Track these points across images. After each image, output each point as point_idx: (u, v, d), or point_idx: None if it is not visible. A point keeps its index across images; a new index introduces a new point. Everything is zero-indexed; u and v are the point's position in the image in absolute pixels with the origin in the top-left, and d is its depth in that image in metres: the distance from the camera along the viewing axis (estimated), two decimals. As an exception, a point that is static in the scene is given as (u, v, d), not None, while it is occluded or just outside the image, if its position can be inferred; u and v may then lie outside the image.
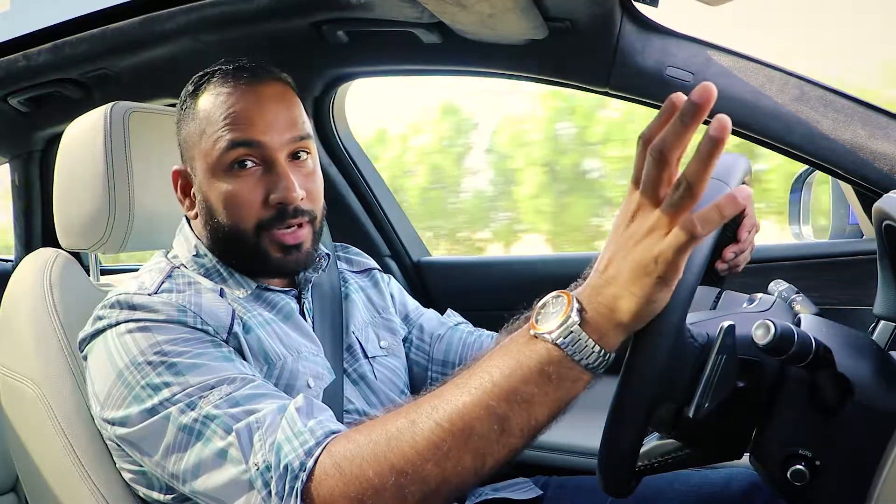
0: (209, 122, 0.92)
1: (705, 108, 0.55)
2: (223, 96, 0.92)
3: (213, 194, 0.93)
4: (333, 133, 1.64)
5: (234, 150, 0.90)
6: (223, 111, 0.91)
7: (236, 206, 0.92)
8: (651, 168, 0.58)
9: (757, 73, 1.09)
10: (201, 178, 0.94)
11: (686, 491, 1.04)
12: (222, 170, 0.91)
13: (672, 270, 0.59)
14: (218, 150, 0.91)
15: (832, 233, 1.46)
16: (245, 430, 0.75)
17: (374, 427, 0.70)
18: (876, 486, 0.63)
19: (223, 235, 0.94)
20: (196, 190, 0.96)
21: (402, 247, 1.75)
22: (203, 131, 0.92)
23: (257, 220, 0.92)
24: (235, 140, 0.90)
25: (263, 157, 0.92)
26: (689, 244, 0.58)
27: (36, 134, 1.74)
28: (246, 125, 0.91)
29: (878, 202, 0.81)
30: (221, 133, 0.91)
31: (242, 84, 0.93)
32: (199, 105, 0.94)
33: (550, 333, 0.63)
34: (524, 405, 0.64)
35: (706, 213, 0.57)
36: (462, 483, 0.66)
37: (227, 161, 0.91)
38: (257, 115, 0.91)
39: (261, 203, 0.92)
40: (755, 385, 0.69)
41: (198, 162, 0.94)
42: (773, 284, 0.87)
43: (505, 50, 1.23)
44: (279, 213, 0.92)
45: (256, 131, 0.91)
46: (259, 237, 0.93)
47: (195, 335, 0.84)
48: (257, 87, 0.93)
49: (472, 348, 1.16)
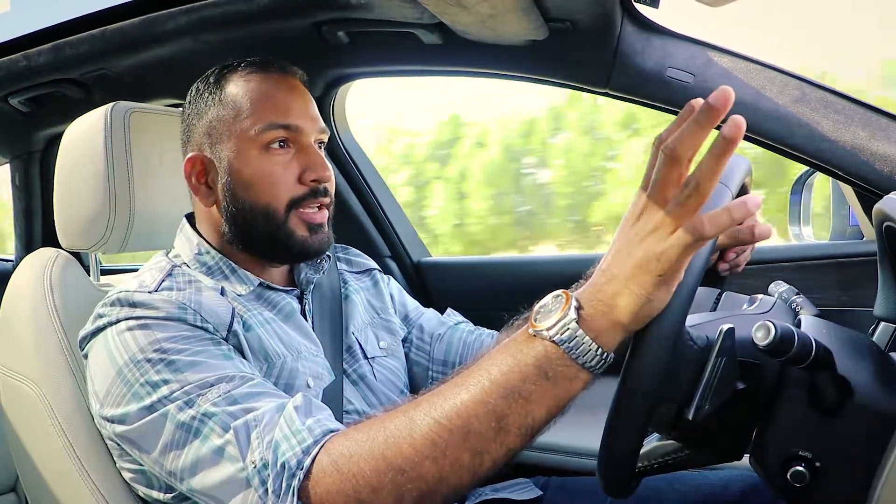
0: (243, 104, 0.95)
1: (721, 112, 0.56)
2: (255, 83, 0.96)
3: (244, 173, 0.94)
4: (334, 133, 1.64)
5: (272, 131, 0.94)
6: (258, 95, 0.95)
7: (270, 183, 0.94)
8: (661, 167, 0.59)
9: (757, 74, 1.09)
10: (232, 158, 0.95)
11: (686, 492, 1.04)
12: (258, 149, 0.94)
13: (673, 270, 0.59)
14: (255, 131, 0.94)
15: (832, 234, 1.46)
16: (243, 428, 0.75)
17: (372, 425, 0.70)
18: (876, 487, 0.63)
19: (250, 216, 0.95)
20: (220, 173, 0.96)
21: (402, 247, 1.75)
22: (237, 114, 0.95)
23: (290, 197, 0.95)
24: (275, 122, 0.94)
25: (297, 141, 0.96)
26: (695, 245, 0.58)
27: (36, 134, 1.74)
28: (283, 109, 0.95)
29: (878, 204, 0.81)
30: (259, 115, 0.94)
31: (274, 74, 0.97)
32: (227, 90, 0.96)
33: (548, 331, 0.63)
34: (522, 402, 0.64)
35: (716, 215, 0.58)
36: (459, 482, 0.66)
37: (263, 141, 0.94)
38: (292, 101, 0.96)
39: (294, 180, 0.95)
40: (755, 387, 0.69)
41: (227, 143, 0.95)
42: (773, 286, 0.87)
43: (505, 51, 1.23)
44: (311, 190, 0.96)
45: (293, 116, 0.95)
46: (288, 215, 0.95)
47: (195, 333, 0.85)
48: (288, 78, 0.99)
49: (472, 347, 1.16)
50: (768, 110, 1.07)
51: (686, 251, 0.59)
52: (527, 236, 4.65)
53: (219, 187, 0.97)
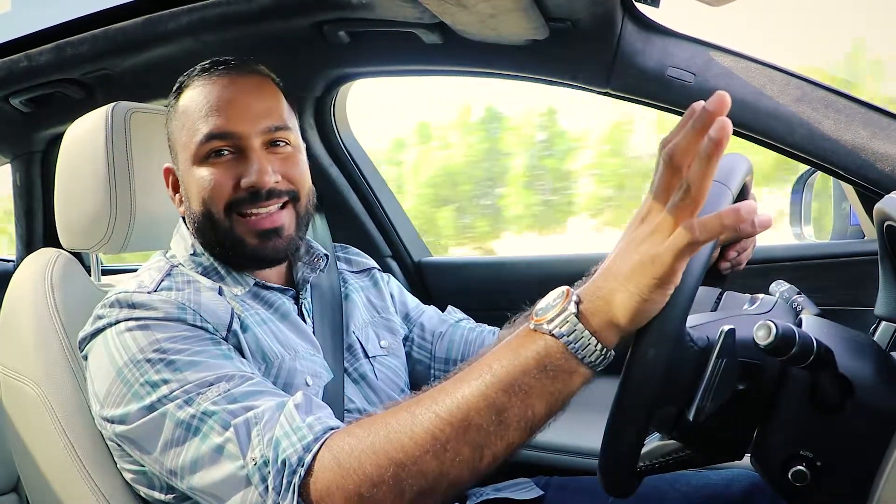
0: (188, 116, 0.95)
1: (717, 117, 0.56)
2: (199, 89, 0.96)
3: (189, 184, 0.95)
4: (335, 133, 1.64)
5: (209, 142, 0.93)
6: (200, 104, 0.94)
7: (208, 189, 0.94)
8: (662, 172, 0.60)
9: (758, 73, 1.09)
10: (183, 170, 0.97)
11: (687, 492, 1.04)
12: (199, 160, 0.94)
13: (669, 273, 0.60)
14: (195, 143, 0.94)
15: (833, 234, 1.45)
16: (243, 426, 0.75)
17: (374, 422, 0.71)
18: (877, 486, 0.63)
19: (200, 225, 0.96)
20: (180, 183, 0.99)
21: (402, 247, 1.75)
22: (183, 126, 0.96)
23: (227, 201, 0.94)
24: (211, 132, 0.93)
25: (237, 146, 0.94)
26: (688, 248, 0.58)
27: (37, 134, 1.74)
28: (220, 116, 0.93)
29: (879, 203, 0.81)
30: (198, 126, 0.94)
31: (216, 77, 0.96)
32: (180, 102, 0.97)
33: (548, 324, 0.64)
34: (522, 396, 0.64)
35: (707, 220, 0.58)
36: (459, 477, 0.66)
37: (203, 152, 0.94)
38: (231, 105, 0.94)
39: (232, 186, 0.94)
40: (756, 387, 0.69)
41: (180, 156, 0.97)
42: (774, 285, 0.87)
43: (506, 50, 1.23)
44: (251, 195, 0.94)
45: (230, 122, 0.93)
46: (231, 221, 0.94)
47: (194, 333, 0.85)
48: (234, 79, 0.96)
49: (474, 345, 1.16)
50: (769, 109, 1.07)
51: (679, 255, 0.59)
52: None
53: (182, 195, 0.99)
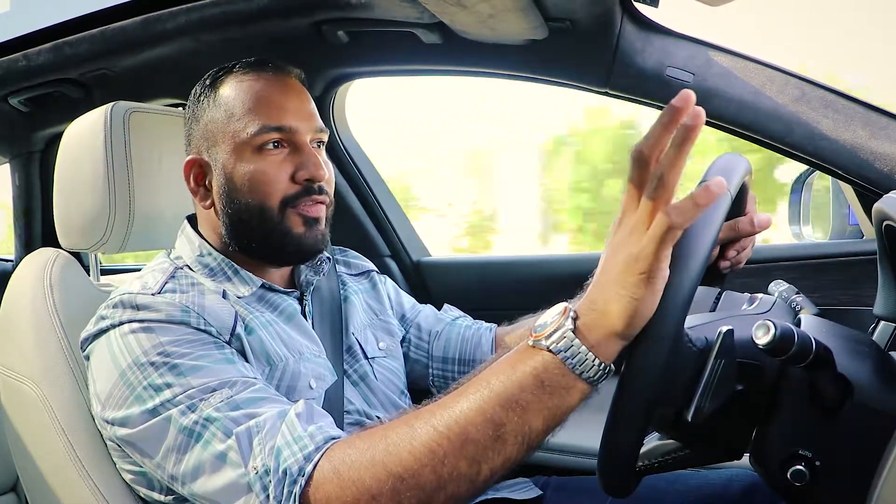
0: (236, 107, 0.95)
1: (682, 111, 0.57)
2: (247, 83, 0.96)
3: (238, 174, 0.94)
4: (334, 133, 1.64)
5: (265, 134, 0.93)
6: (251, 97, 0.94)
7: (264, 182, 0.93)
8: (632, 171, 0.61)
9: (757, 73, 1.09)
10: (225, 160, 0.95)
11: (686, 492, 1.04)
12: (250, 151, 0.94)
13: (654, 265, 0.60)
14: (248, 133, 0.93)
15: (832, 233, 1.45)
16: (245, 434, 0.75)
17: (374, 434, 0.71)
18: (876, 486, 0.63)
19: (245, 217, 0.95)
20: (216, 175, 0.96)
21: (401, 247, 1.75)
22: (230, 116, 0.95)
23: (283, 195, 0.94)
24: (268, 124, 0.93)
25: (292, 141, 0.95)
26: (667, 235, 0.59)
27: (36, 134, 1.74)
28: (276, 110, 0.94)
29: (878, 203, 0.81)
30: (252, 117, 0.94)
31: (267, 74, 0.97)
32: (221, 93, 0.96)
33: (546, 340, 0.64)
34: (519, 412, 0.65)
35: (681, 203, 0.59)
36: (457, 491, 0.67)
37: (256, 143, 0.93)
38: (286, 102, 0.95)
39: (288, 179, 0.94)
40: (755, 387, 0.69)
41: (222, 146, 0.95)
42: (773, 285, 0.87)
43: (505, 50, 1.23)
44: (305, 189, 0.95)
45: (287, 117, 0.94)
46: (283, 213, 0.94)
47: (198, 336, 0.85)
48: (282, 77, 0.98)
49: (471, 342, 1.16)
50: (768, 109, 1.07)
51: (661, 244, 0.59)
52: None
53: (215, 189, 0.97)
